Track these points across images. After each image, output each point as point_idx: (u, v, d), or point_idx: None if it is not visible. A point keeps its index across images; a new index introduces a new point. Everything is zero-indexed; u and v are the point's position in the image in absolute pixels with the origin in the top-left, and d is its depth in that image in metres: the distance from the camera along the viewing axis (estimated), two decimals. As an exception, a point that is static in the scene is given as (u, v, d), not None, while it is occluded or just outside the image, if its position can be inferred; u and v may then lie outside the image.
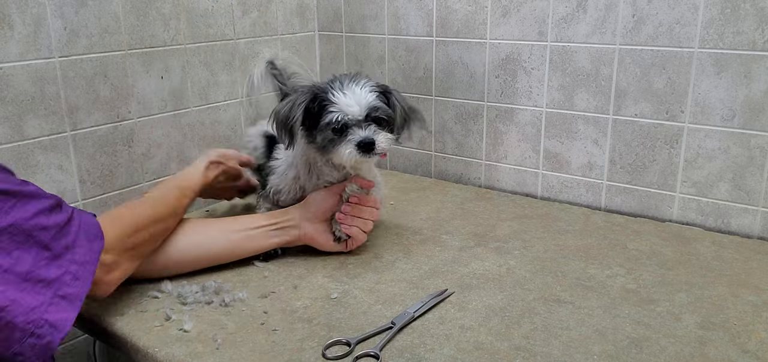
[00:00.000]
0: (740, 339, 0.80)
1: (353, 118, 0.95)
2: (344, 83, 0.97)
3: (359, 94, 0.96)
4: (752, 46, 1.04)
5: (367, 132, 0.95)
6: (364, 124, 0.96)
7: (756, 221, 1.11)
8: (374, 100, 0.96)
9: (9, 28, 1.00)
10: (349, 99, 0.95)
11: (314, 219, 1.02)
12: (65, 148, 1.10)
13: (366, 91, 0.96)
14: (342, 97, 0.95)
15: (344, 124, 0.95)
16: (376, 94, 0.98)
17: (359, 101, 0.95)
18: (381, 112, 0.97)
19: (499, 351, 0.78)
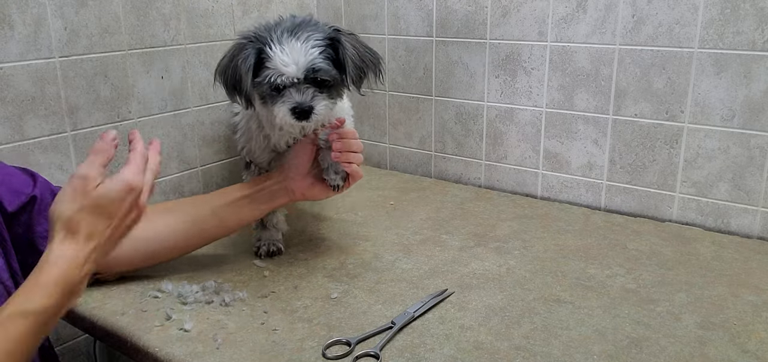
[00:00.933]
0: (740, 339, 0.80)
1: (289, 79, 0.85)
2: (283, 35, 0.86)
3: (298, 50, 0.85)
4: (752, 46, 1.04)
5: (304, 97, 0.86)
6: (302, 86, 0.87)
7: (756, 221, 1.11)
8: (316, 58, 0.86)
9: (9, 28, 1.00)
10: (285, 56, 0.85)
11: (298, 175, 0.98)
12: (65, 149, 1.10)
13: (307, 46, 0.85)
14: (278, 54, 0.85)
15: (280, 85, 0.86)
16: (322, 48, 0.87)
17: (297, 60, 0.85)
18: (323, 73, 0.87)
19: (499, 351, 0.78)
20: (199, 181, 1.34)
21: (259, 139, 1.01)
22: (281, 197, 0.99)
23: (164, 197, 1.28)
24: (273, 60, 0.85)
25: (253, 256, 1.05)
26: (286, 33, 0.86)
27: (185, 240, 0.97)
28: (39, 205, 0.81)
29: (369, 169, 1.56)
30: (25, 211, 0.80)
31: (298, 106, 0.86)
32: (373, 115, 1.55)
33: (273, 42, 0.85)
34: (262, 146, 1.01)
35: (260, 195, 0.99)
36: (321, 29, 0.89)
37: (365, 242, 1.10)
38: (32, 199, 0.80)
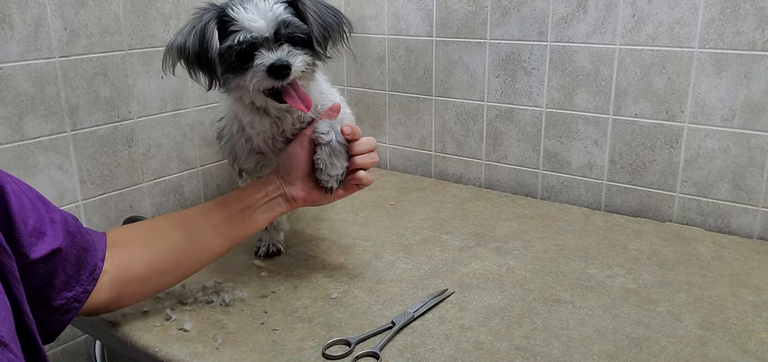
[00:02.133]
0: (740, 339, 0.80)
1: (260, 36, 0.80)
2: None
3: (263, 6, 0.80)
4: (752, 46, 1.04)
5: (279, 53, 0.81)
6: (274, 45, 0.82)
7: (756, 221, 1.11)
8: (283, 12, 0.81)
9: (9, 28, 1.00)
10: (250, 13, 0.80)
11: (297, 179, 0.91)
12: (65, 148, 1.10)
13: (271, 3, 0.81)
14: (243, 12, 0.80)
15: (250, 45, 0.80)
16: (285, 4, 0.82)
17: (264, 14, 0.80)
18: (294, 27, 0.82)
19: (499, 351, 0.78)
20: (199, 181, 1.34)
21: (242, 143, 0.96)
22: (281, 205, 0.91)
23: (164, 198, 1.28)
24: (239, 20, 0.79)
25: (253, 256, 1.05)
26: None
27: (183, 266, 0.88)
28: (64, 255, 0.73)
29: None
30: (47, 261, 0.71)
31: (277, 61, 0.80)
32: (373, 115, 1.55)
33: (235, 5, 0.81)
34: (245, 150, 0.96)
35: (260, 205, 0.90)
36: None
37: (365, 242, 1.10)
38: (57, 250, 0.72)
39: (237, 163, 1.00)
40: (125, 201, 1.21)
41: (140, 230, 0.90)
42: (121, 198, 1.20)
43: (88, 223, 1.15)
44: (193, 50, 0.82)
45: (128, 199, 1.21)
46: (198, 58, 0.83)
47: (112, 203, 1.19)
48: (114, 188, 1.19)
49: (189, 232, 0.87)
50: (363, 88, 1.54)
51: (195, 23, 0.83)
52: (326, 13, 0.87)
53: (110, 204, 1.18)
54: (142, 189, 1.24)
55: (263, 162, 0.98)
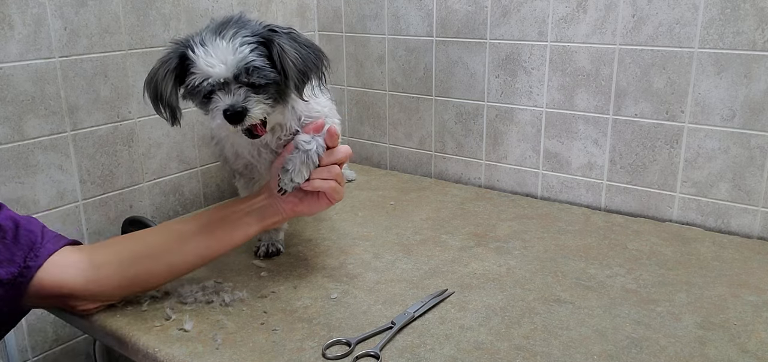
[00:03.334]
0: (740, 339, 0.80)
1: (218, 81, 0.77)
2: (207, 35, 0.78)
3: (224, 49, 0.76)
4: (752, 46, 1.04)
5: (235, 98, 0.77)
6: (233, 87, 0.78)
7: (756, 221, 1.11)
8: (247, 55, 0.77)
9: (9, 28, 1.00)
10: (210, 57, 0.76)
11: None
12: (65, 148, 1.10)
13: (235, 44, 0.77)
14: (202, 55, 0.77)
15: (210, 89, 0.78)
16: (253, 46, 0.78)
17: (224, 58, 0.76)
18: (257, 75, 0.78)
19: (499, 351, 0.78)
20: (199, 181, 1.34)
21: (229, 146, 0.96)
22: (271, 215, 0.91)
23: (164, 198, 1.28)
24: (197, 63, 0.77)
25: (252, 256, 1.05)
26: (209, 33, 0.78)
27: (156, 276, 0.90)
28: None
29: (369, 168, 1.56)
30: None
31: (230, 108, 0.78)
32: (373, 115, 1.55)
33: (196, 44, 0.78)
34: (233, 153, 0.97)
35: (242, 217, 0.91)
36: (251, 27, 0.80)
37: (365, 242, 1.10)
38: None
39: (228, 163, 1.00)
40: (125, 201, 1.21)
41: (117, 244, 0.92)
42: (121, 198, 1.20)
43: (88, 223, 1.15)
44: (152, 89, 0.83)
45: (128, 199, 1.21)
46: (155, 97, 0.83)
47: (112, 203, 1.19)
48: (114, 188, 1.19)
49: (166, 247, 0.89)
50: (363, 88, 1.54)
51: (158, 65, 0.82)
52: (306, 54, 0.83)
53: (110, 204, 1.18)
54: (142, 189, 1.24)
55: (252, 163, 0.98)
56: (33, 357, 1.11)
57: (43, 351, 1.12)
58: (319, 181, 0.89)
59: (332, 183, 0.89)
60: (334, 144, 0.90)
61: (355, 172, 1.50)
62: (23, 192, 1.05)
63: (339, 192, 0.91)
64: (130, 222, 1.16)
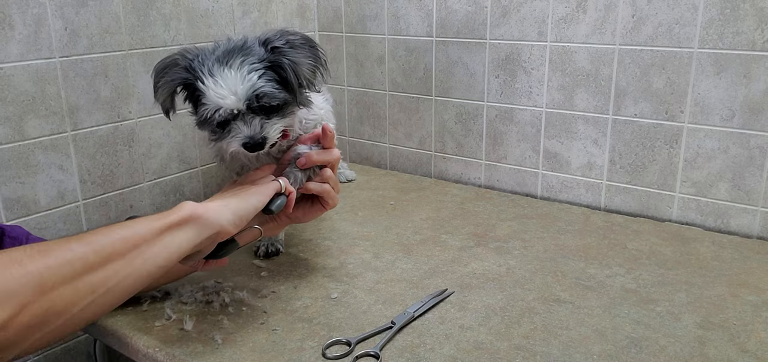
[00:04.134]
0: (740, 339, 0.80)
1: (230, 112, 0.79)
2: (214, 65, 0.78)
3: (233, 79, 0.77)
4: (752, 46, 1.04)
5: (252, 129, 0.79)
6: (247, 116, 0.80)
7: (755, 221, 1.11)
8: (256, 83, 0.78)
9: (9, 28, 1.00)
10: (220, 88, 0.77)
11: None
12: (66, 148, 1.10)
13: (244, 73, 0.77)
14: (212, 86, 0.77)
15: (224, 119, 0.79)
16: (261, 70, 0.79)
17: (235, 89, 0.77)
18: (267, 98, 0.79)
19: (499, 351, 0.78)
20: (200, 181, 1.34)
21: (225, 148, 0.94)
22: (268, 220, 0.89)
23: (164, 198, 1.28)
24: (207, 94, 0.78)
25: (252, 256, 1.05)
26: (216, 63, 0.78)
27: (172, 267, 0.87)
28: None
29: (369, 168, 1.56)
30: None
31: (250, 139, 0.80)
32: (373, 115, 1.55)
33: (204, 75, 0.78)
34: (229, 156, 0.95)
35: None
36: (254, 51, 0.81)
37: (365, 242, 1.11)
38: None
39: (225, 163, 1.00)
40: (126, 201, 1.21)
41: None
42: (121, 198, 1.20)
43: (88, 223, 1.15)
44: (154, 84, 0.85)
45: (129, 199, 1.22)
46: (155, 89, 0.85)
47: (112, 203, 1.19)
48: (114, 188, 1.19)
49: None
50: (363, 88, 1.54)
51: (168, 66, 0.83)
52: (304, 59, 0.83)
53: (111, 204, 1.19)
54: (142, 189, 1.24)
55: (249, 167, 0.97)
56: (33, 356, 1.11)
57: (43, 351, 1.12)
58: (312, 184, 0.89)
59: (326, 186, 0.90)
60: (329, 144, 0.90)
61: (355, 172, 1.50)
62: (24, 192, 1.06)
63: (333, 196, 0.91)
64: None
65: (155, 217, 0.71)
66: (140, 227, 0.69)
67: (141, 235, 0.68)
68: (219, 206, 0.75)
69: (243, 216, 0.77)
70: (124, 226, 0.69)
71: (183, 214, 0.72)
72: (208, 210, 0.74)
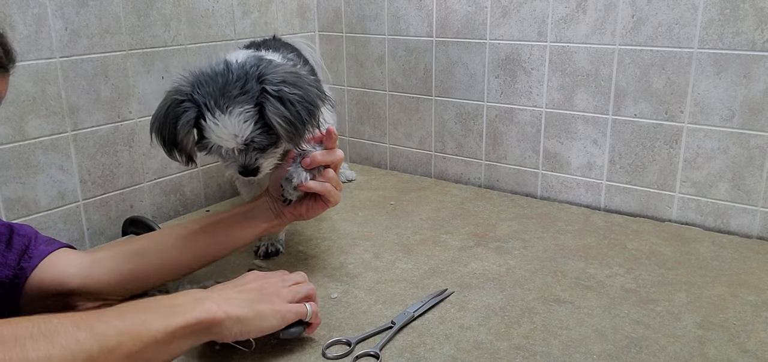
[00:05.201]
0: (740, 339, 0.80)
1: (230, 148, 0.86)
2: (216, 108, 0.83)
3: (231, 125, 0.83)
4: (752, 46, 1.04)
5: (248, 159, 0.87)
6: (242, 152, 0.86)
7: (755, 221, 1.11)
8: (250, 129, 0.83)
9: (10, 28, 1.00)
10: (220, 130, 0.83)
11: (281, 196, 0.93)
12: (66, 148, 1.10)
13: (240, 121, 0.82)
14: (213, 126, 0.83)
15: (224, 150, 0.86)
16: (255, 118, 0.83)
17: (233, 132, 0.83)
18: (260, 142, 0.85)
19: (498, 351, 0.78)
20: (200, 181, 1.34)
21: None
22: (269, 219, 0.93)
23: (164, 198, 1.28)
24: (211, 134, 0.84)
25: (253, 256, 1.05)
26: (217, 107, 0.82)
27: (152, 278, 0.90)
28: None
29: (369, 169, 1.56)
30: None
31: (244, 168, 0.87)
32: (373, 115, 1.55)
33: (208, 111, 0.83)
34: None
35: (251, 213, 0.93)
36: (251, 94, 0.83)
37: (365, 242, 1.11)
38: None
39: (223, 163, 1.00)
40: (126, 201, 1.21)
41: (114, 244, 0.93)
42: (121, 198, 1.20)
43: (88, 223, 1.15)
44: (169, 140, 0.87)
45: (129, 199, 1.22)
46: (173, 145, 0.87)
47: (112, 203, 1.19)
48: (115, 188, 1.19)
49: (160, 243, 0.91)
50: (363, 88, 1.54)
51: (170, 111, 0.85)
52: (295, 115, 0.84)
53: (111, 204, 1.19)
54: (142, 189, 1.24)
55: None
56: None
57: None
58: (314, 183, 0.90)
59: (328, 185, 0.91)
60: (332, 145, 0.91)
61: (355, 172, 1.50)
62: (24, 193, 1.06)
63: (335, 195, 0.92)
64: (131, 222, 1.16)
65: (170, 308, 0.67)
66: (155, 323, 0.64)
67: (153, 336, 0.63)
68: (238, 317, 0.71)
69: (254, 334, 0.75)
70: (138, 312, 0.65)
71: (203, 317, 0.68)
72: (227, 317, 0.70)
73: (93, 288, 0.85)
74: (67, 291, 0.83)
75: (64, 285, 0.82)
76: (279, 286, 0.79)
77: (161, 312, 0.66)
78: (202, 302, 0.70)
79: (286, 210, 0.93)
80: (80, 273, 0.83)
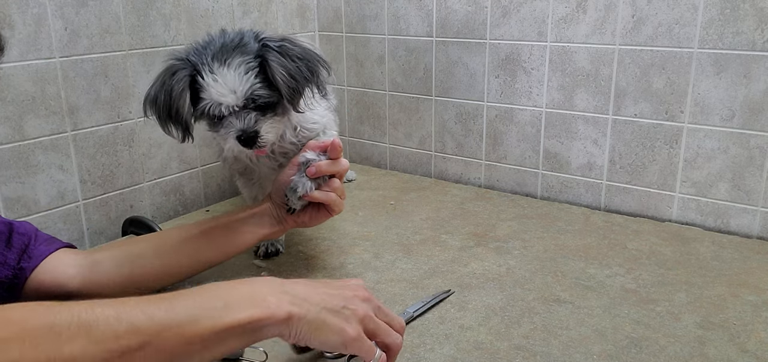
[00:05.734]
0: (740, 339, 0.80)
1: (228, 108, 0.81)
2: (214, 63, 0.80)
3: (232, 78, 0.80)
4: (752, 46, 1.04)
5: (246, 123, 0.82)
6: (242, 112, 0.82)
7: (755, 221, 1.11)
8: (253, 83, 0.80)
9: (10, 28, 1.00)
10: (220, 86, 0.80)
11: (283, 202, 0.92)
12: (66, 148, 1.10)
13: (241, 73, 0.80)
14: (212, 83, 0.80)
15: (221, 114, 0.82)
16: (255, 70, 0.81)
17: (233, 87, 0.80)
18: (262, 99, 0.82)
19: (499, 351, 0.78)
20: (200, 181, 1.34)
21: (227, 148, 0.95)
22: (271, 225, 0.92)
23: (164, 198, 1.28)
24: (208, 90, 0.80)
25: (253, 256, 1.05)
26: (216, 61, 0.80)
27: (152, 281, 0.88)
28: None
29: (369, 168, 1.56)
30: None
31: (243, 133, 0.82)
32: (373, 115, 1.55)
33: (204, 70, 0.80)
34: (232, 156, 0.97)
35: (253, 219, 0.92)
36: (250, 48, 0.82)
37: (365, 242, 1.11)
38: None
39: (227, 163, 1.00)
40: (126, 201, 1.21)
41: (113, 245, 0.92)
42: (121, 198, 1.20)
43: (88, 223, 1.15)
44: (164, 107, 0.84)
45: (129, 199, 1.22)
46: (169, 116, 0.84)
47: (112, 203, 1.19)
48: (114, 188, 1.19)
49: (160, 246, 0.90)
50: (363, 88, 1.54)
51: (166, 78, 0.83)
52: (297, 70, 0.83)
53: (111, 204, 1.19)
54: (142, 189, 1.24)
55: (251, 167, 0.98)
56: None
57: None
58: (319, 193, 0.89)
59: (332, 195, 0.90)
60: (336, 156, 0.91)
61: (355, 172, 1.50)
62: (24, 192, 1.06)
63: (338, 204, 0.92)
64: (131, 223, 1.16)
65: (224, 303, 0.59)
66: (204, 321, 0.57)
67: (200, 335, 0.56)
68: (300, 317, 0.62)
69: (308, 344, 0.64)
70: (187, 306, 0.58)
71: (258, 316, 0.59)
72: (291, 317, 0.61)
73: (93, 291, 0.84)
74: (67, 292, 0.82)
75: (64, 287, 0.82)
76: (364, 306, 0.67)
77: (213, 308, 0.58)
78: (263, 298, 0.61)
79: (289, 218, 0.92)
80: (80, 275, 0.83)
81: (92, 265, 0.85)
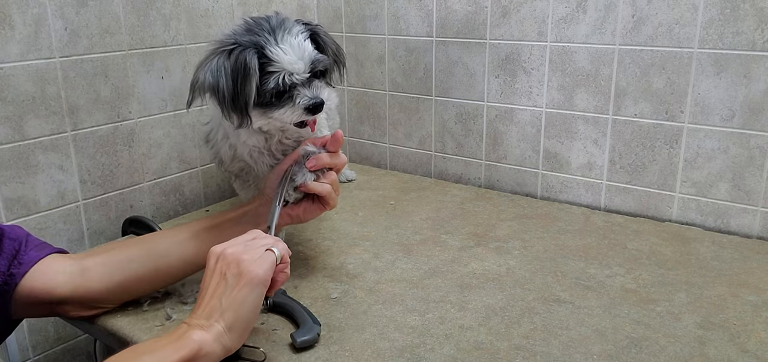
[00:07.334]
0: (740, 339, 0.80)
1: (299, 77, 0.84)
2: (278, 34, 0.83)
3: (300, 46, 0.83)
4: (752, 46, 1.04)
5: (314, 91, 0.85)
6: (306, 82, 0.85)
7: (755, 221, 1.11)
8: (313, 49, 0.85)
9: (9, 28, 1.00)
10: (290, 55, 0.82)
11: None
12: (66, 148, 1.10)
13: (304, 38, 0.84)
14: (282, 54, 0.81)
15: (291, 84, 0.83)
16: (308, 38, 0.86)
17: (302, 55, 0.83)
18: (322, 63, 0.86)
19: (499, 351, 0.78)
20: (200, 181, 1.34)
21: (226, 149, 0.97)
22: (264, 222, 0.89)
23: (164, 197, 1.28)
24: (280, 61, 0.82)
25: (253, 256, 1.05)
26: (280, 33, 0.83)
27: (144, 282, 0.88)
28: None
29: (369, 168, 1.56)
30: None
31: (315, 100, 0.85)
32: (373, 115, 1.55)
33: (270, 43, 0.82)
34: (229, 155, 0.97)
35: (245, 217, 0.91)
36: (300, 23, 0.88)
37: (365, 242, 1.11)
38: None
39: (223, 166, 1.00)
40: (126, 201, 1.21)
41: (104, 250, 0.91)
42: (121, 198, 1.20)
43: (88, 223, 1.15)
44: (228, 91, 0.82)
45: (129, 199, 1.22)
46: (233, 99, 0.83)
47: (112, 203, 1.19)
48: (114, 188, 1.19)
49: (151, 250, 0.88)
50: (363, 88, 1.54)
51: (224, 60, 0.82)
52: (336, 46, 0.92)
53: (111, 204, 1.19)
54: (142, 189, 1.24)
55: (248, 167, 0.98)
56: (34, 356, 1.11)
57: (43, 351, 1.12)
58: (314, 184, 0.89)
59: (327, 187, 0.90)
60: (336, 149, 0.91)
61: (355, 171, 1.50)
62: (24, 192, 1.06)
63: (333, 197, 0.91)
64: (131, 223, 1.16)
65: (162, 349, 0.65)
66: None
67: None
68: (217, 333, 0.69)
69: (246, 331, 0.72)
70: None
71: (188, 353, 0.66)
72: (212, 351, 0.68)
73: (84, 297, 0.84)
74: (57, 299, 0.82)
75: (54, 293, 0.81)
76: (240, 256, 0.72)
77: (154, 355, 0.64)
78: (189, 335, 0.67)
79: (282, 211, 0.90)
80: (70, 281, 0.82)
81: (83, 271, 0.83)
